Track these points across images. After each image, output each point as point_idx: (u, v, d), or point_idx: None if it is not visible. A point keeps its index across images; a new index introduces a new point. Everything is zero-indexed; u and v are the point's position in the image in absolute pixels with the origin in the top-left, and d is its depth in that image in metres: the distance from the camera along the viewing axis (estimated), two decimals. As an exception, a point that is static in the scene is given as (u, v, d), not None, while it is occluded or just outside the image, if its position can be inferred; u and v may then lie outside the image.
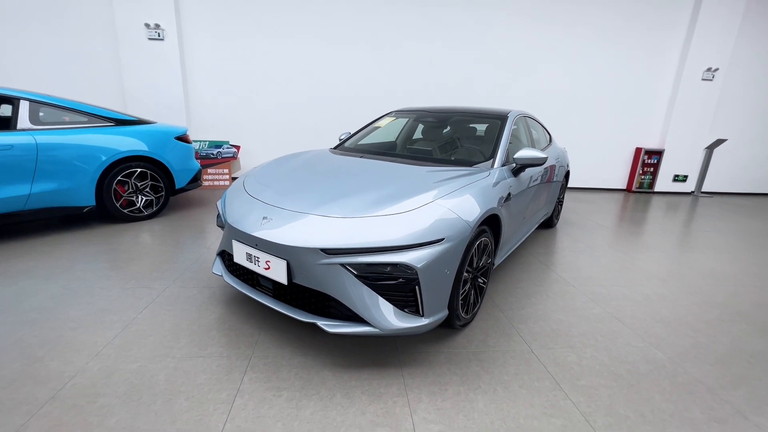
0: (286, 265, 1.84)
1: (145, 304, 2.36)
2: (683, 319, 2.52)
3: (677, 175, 7.45)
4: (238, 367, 1.82)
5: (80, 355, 1.85)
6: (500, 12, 6.34)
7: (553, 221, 4.47)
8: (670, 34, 6.76)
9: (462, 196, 2.05)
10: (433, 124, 3.49)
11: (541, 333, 2.26)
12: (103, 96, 5.89)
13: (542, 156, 2.63)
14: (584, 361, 2.01)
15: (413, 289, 1.77)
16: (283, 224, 1.90)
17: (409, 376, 1.82)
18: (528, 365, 1.95)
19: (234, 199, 2.32)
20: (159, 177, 4.06)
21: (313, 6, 6.02)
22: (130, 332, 2.06)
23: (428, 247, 1.78)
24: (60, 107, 3.47)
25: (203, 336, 2.05)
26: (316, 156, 2.93)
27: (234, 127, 6.37)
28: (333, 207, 1.94)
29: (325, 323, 1.81)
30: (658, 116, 7.20)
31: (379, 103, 6.33)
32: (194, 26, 5.91)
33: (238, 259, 2.10)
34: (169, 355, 1.88)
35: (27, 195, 3.23)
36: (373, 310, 1.77)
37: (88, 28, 5.71)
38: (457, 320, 2.11)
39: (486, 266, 2.35)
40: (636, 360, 2.05)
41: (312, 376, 1.79)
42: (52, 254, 3.04)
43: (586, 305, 2.64)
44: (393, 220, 1.82)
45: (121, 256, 3.09)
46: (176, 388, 1.66)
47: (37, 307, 2.25)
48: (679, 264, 3.58)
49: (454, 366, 1.92)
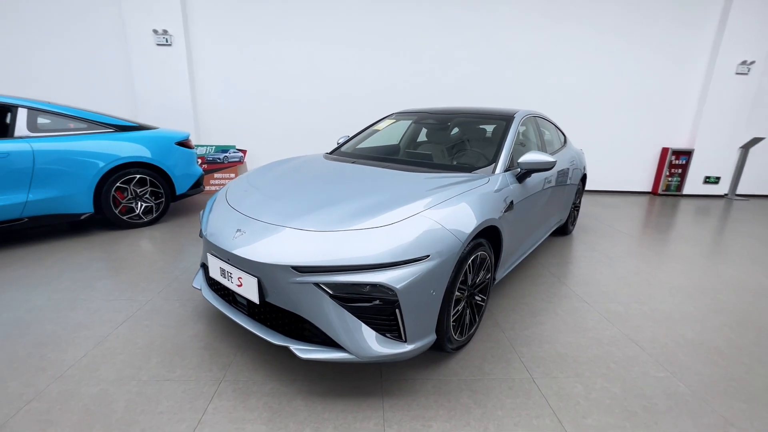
0: (257, 283, 1.69)
1: (124, 318, 2.26)
2: (711, 343, 2.23)
3: (708, 177, 6.94)
4: (205, 394, 1.68)
5: (43, 375, 1.75)
6: (516, 10, 6.06)
7: (568, 228, 4.17)
8: (700, 25, 6.30)
9: (454, 206, 1.84)
10: (434, 127, 3.28)
11: (545, 358, 2.03)
12: (115, 102, 5.96)
13: (550, 160, 2.39)
14: (593, 393, 1.77)
15: (393, 312, 1.58)
16: (255, 238, 1.75)
17: (390, 409, 1.63)
18: (527, 397, 1.73)
19: (215, 208, 2.19)
20: (159, 183, 4.01)
21: (319, 10, 5.91)
22: (100, 350, 1.95)
23: (411, 266, 1.59)
24: (59, 114, 3.46)
25: (175, 356, 1.93)
26: (306, 162, 2.78)
27: (241, 132, 6.34)
28: (310, 219, 1.77)
29: (298, 348, 1.65)
30: (686, 114, 6.73)
31: (387, 105, 6.15)
32: (201, 31, 5.90)
33: (213, 273, 1.96)
34: (135, 378, 1.76)
35: (24, 202, 3.22)
36: (350, 334, 1.59)
37: (98, 37, 5.79)
38: (448, 343, 1.90)
39: (485, 282, 2.14)
40: (654, 394, 1.79)
41: (283, 407, 1.62)
42: (45, 262, 3.00)
43: (600, 325, 2.38)
44: (372, 235, 1.64)
45: (113, 265, 3.02)
46: (134, 418, 1.53)
47: (14, 321, 2.19)
48: (709, 277, 3.24)
49: (443, 397, 1.71)
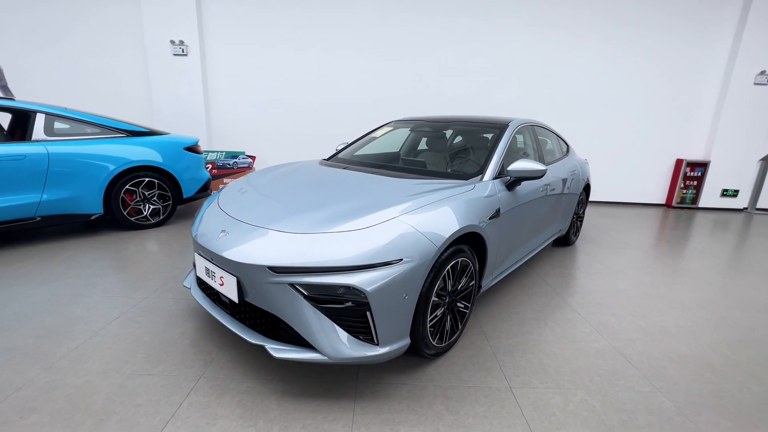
0: (236, 283, 1.74)
1: (118, 313, 2.35)
2: (705, 359, 2.15)
3: (726, 190, 6.70)
4: (183, 389, 1.72)
5: (34, 366, 1.84)
6: (526, 19, 6.07)
7: (570, 239, 4.10)
8: (715, 35, 6.15)
9: (432, 211, 1.86)
10: (430, 135, 3.31)
11: (526, 368, 2.00)
12: (132, 108, 6.23)
13: (539, 168, 2.38)
14: (570, 405, 1.74)
15: (364, 315, 1.60)
16: (237, 239, 1.81)
17: (360, 412, 1.64)
18: (502, 406, 1.71)
19: (207, 210, 2.26)
20: (167, 186, 4.16)
21: (327, 20, 6.06)
22: (91, 343, 2.03)
23: (383, 269, 1.60)
24: (74, 119, 3.65)
25: (160, 351, 1.99)
26: (300, 167, 2.85)
27: (251, 138, 6.51)
28: (290, 222, 1.82)
29: (273, 347, 1.68)
30: (701, 125, 6.54)
31: (394, 113, 6.21)
32: (215, 41, 6.13)
33: (200, 272, 2.03)
34: (120, 371, 1.83)
35: (38, 202, 3.40)
36: (323, 335, 1.61)
37: (119, 46, 6.08)
38: (426, 349, 1.90)
39: (468, 290, 2.13)
40: (636, 409, 1.74)
41: (255, 405, 1.65)
42: (53, 260, 3.15)
43: (589, 337, 2.33)
44: (347, 238, 1.67)
45: (117, 263, 3.14)
46: (112, 409, 1.59)
47: (17, 313, 2.30)
48: (714, 291, 3.12)
49: (415, 402, 1.71)
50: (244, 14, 6.03)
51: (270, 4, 6.01)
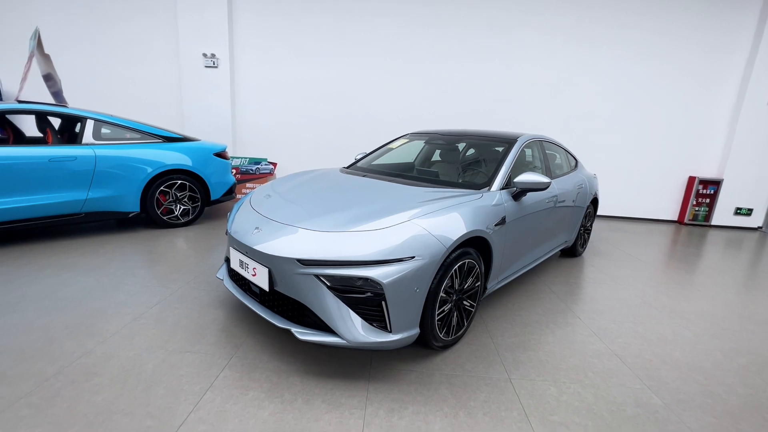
0: (268, 273, 1.98)
1: (158, 300, 2.62)
2: (698, 364, 2.28)
3: (740, 208, 6.71)
4: (218, 365, 1.96)
5: (91, 339, 2.11)
6: (539, 35, 6.30)
7: (577, 250, 4.24)
8: (729, 52, 6.25)
9: (442, 216, 2.07)
10: (443, 147, 3.54)
11: (526, 363, 2.17)
12: (166, 115, 6.66)
13: (544, 181, 2.58)
14: (564, 396, 1.91)
15: (380, 304, 1.82)
16: (269, 235, 2.06)
17: (373, 391, 1.85)
18: (501, 394, 1.89)
19: (240, 210, 2.53)
20: (196, 189, 4.49)
21: (349, 36, 6.41)
22: (137, 324, 2.30)
23: (397, 264, 1.83)
24: (118, 125, 4.01)
25: (196, 334, 2.24)
26: (323, 174, 3.11)
27: (273, 146, 6.86)
28: (316, 221, 2.06)
29: (298, 330, 1.91)
30: (714, 143, 6.61)
31: (411, 125, 6.49)
32: (244, 55, 6.54)
33: (234, 265, 2.28)
34: (163, 348, 2.08)
35: (84, 200, 3.74)
36: (342, 321, 1.84)
37: (156, 58, 6.55)
38: (434, 340, 2.10)
39: (474, 290, 2.33)
40: (625, 402, 1.89)
41: (281, 380, 1.88)
42: (97, 252, 3.47)
43: (588, 339, 2.49)
44: (366, 236, 1.90)
45: (152, 257, 3.44)
46: (159, 378, 1.83)
47: (70, 297, 2.59)
48: (715, 304, 3.23)
49: (422, 386, 1.91)
50: (271, 29, 6.43)
51: (296, 20, 6.39)
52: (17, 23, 6.41)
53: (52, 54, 4.82)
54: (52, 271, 2.99)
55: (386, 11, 6.32)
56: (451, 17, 6.31)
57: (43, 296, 2.57)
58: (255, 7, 6.38)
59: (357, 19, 6.37)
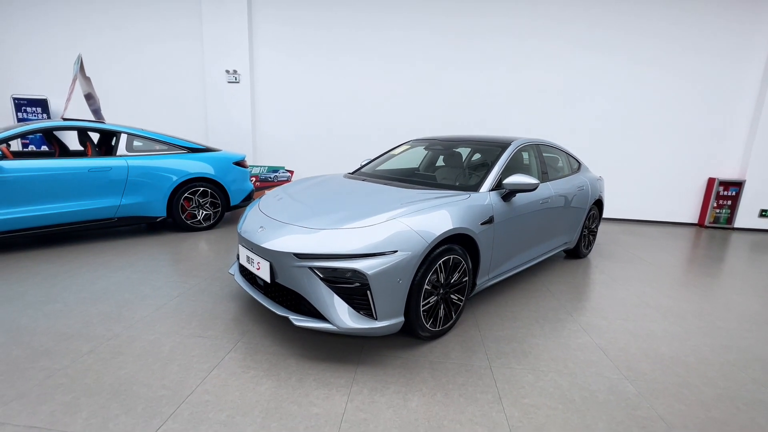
0: (269, 266, 2.23)
1: (178, 293, 2.92)
2: (682, 359, 2.34)
3: (765, 210, 6.48)
4: (225, 348, 2.21)
5: (118, 325, 2.41)
6: (551, 41, 6.39)
7: (581, 251, 4.28)
8: (748, 54, 6.12)
9: (426, 214, 2.26)
10: (440, 152, 3.72)
11: (509, 354, 2.30)
12: (191, 128, 7.17)
13: (532, 182, 2.71)
14: (540, 383, 2.03)
15: (366, 293, 2.02)
16: (271, 232, 2.31)
17: (360, 373, 2.04)
18: (479, 379, 2.04)
19: (250, 212, 2.80)
20: (217, 195, 4.85)
21: (362, 50, 6.71)
22: (158, 313, 2.59)
23: (381, 257, 2.02)
24: (148, 138, 4.43)
25: (209, 322, 2.51)
26: (327, 179, 3.35)
27: (290, 155, 7.22)
28: (313, 220, 2.29)
29: (295, 318, 2.13)
30: (736, 144, 6.43)
31: (420, 133, 6.69)
32: (263, 71, 6.96)
33: (242, 260, 2.55)
34: (179, 333, 2.35)
35: (118, 206, 4.15)
36: (332, 309, 2.05)
37: (183, 77, 7.08)
38: (420, 330, 2.27)
39: (462, 284, 2.48)
40: (599, 389, 2.00)
41: (279, 362, 2.10)
42: (127, 252, 3.85)
43: (574, 334, 2.58)
44: (355, 233, 2.11)
45: (176, 257, 3.78)
46: (174, 357, 2.10)
47: (103, 289, 2.93)
48: (715, 305, 3.22)
49: (406, 371, 2.08)
50: (288, 43, 6.83)
51: (311, 37, 6.76)
52: (63, 50, 7.10)
53: (92, 76, 5.35)
54: (89, 268, 3.36)
55: (400, 24, 6.59)
56: (461, 28, 6.49)
57: (81, 288, 2.93)
58: (274, 21, 6.79)
59: (371, 31, 6.66)
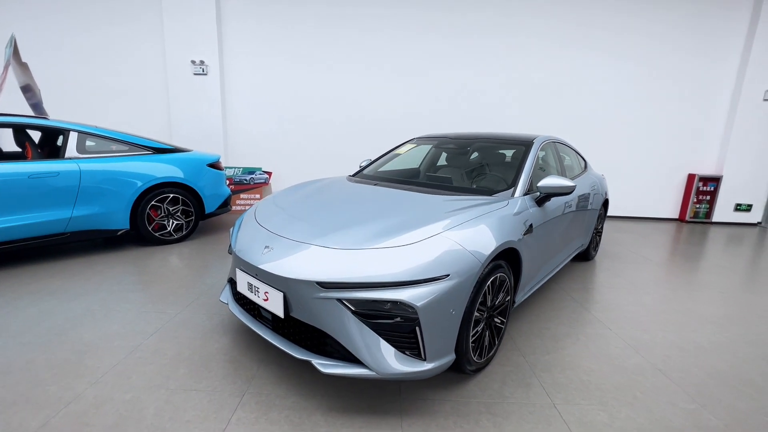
0: (282, 298, 1.77)
1: (155, 329, 2.37)
2: (745, 376, 2.14)
3: (739, 204, 6.71)
4: (229, 405, 1.73)
5: (81, 381, 1.85)
6: (538, 39, 6.22)
7: (590, 254, 4.11)
8: (723, 53, 6.28)
9: (473, 227, 1.89)
10: (454, 151, 3.37)
11: (567, 384, 1.99)
12: (153, 125, 6.37)
13: (569, 184, 2.42)
14: (617, 422, 1.73)
15: (413, 330, 1.62)
16: (282, 254, 1.84)
17: (408, 427, 1.64)
18: (548, 423, 1.70)
19: (244, 226, 2.31)
20: (190, 202, 4.23)
21: (343, 41, 6.24)
22: (132, 359, 2.05)
23: (431, 284, 1.63)
24: (104, 137, 3.74)
25: (201, 367, 2.00)
26: (331, 183, 2.90)
27: (267, 154, 6.62)
28: (334, 237, 1.86)
29: (320, 362, 1.70)
30: (713, 140, 6.61)
31: (409, 131, 6.31)
32: (234, 62, 6.30)
33: (241, 288, 2.06)
34: (164, 386, 1.84)
35: (68, 218, 3.46)
36: (370, 351, 1.63)
37: (142, 67, 6.27)
38: (467, 365, 1.91)
39: (504, 305, 2.15)
40: (684, 427, 1.72)
41: (303, 420, 1.66)
42: (83, 275, 3.19)
43: (624, 353, 2.32)
44: (394, 253, 1.70)
45: (145, 278, 3.18)
46: (162, 424, 1.60)
47: (54, 329, 2.32)
48: (741, 307, 3.11)
49: (461, 418, 1.71)
50: (262, 34, 6.22)
51: (289, 25, 6.20)
52: (-9, 32, 6.07)
53: (30, 63, 4.52)
54: (34, 299, 2.71)
55: (381, 15, 6.18)
56: (450, 22, 6.19)
57: (24, 329, 2.30)
58: (244, 13, 6.16)
59: (351, 24, 6.20)
